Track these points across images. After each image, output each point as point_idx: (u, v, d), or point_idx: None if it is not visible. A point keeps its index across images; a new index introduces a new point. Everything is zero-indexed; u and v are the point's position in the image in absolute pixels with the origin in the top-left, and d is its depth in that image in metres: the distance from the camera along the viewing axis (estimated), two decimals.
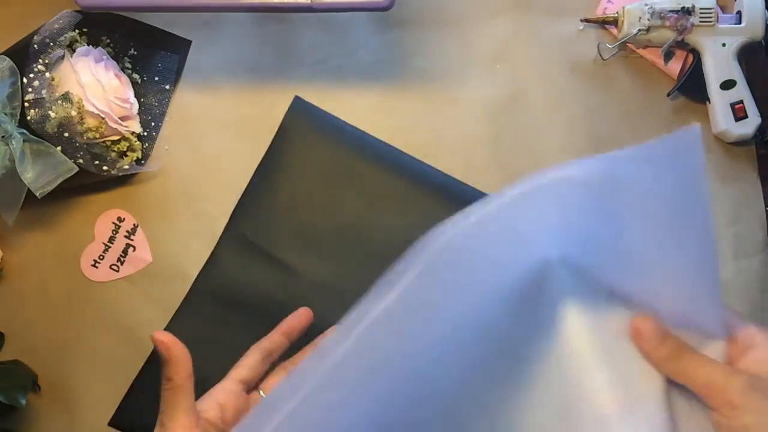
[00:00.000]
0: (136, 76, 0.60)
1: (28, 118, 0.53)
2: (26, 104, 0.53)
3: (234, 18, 0.63)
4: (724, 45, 0.59)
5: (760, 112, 0.60)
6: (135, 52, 0.61)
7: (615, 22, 0.62)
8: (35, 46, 0.54)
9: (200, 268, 0.59)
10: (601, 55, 0.62)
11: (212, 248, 0.59)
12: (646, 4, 0.60)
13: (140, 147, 0.59)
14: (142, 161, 0.60)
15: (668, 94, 0.61)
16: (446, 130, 0.62)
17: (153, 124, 0.61)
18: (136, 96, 0.60)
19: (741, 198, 0.61)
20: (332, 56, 0.62)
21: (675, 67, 0.62)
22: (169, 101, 0.61)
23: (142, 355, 0.58)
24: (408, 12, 0.63)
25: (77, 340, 0.59)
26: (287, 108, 0.61)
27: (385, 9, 0.55)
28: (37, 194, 0.53)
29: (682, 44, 0.61)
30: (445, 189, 0.59)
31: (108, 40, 0.60)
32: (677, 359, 0.38)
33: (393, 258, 0.34)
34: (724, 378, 0.37)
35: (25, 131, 0.53)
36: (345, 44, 0.63)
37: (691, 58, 0.62)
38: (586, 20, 0.62)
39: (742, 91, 0.60)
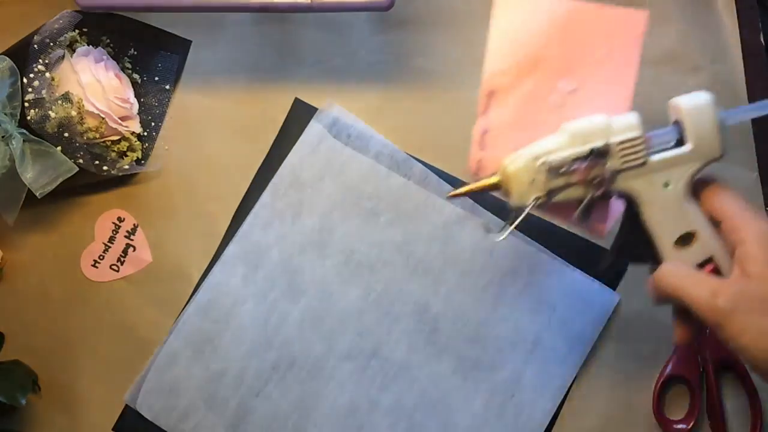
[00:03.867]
0: (136, 76, 0.61)
1: (28, 118, 0.53)
2: (26, 104, 0.53)
3: (234, 18, 0.63)
4: (667, 185, 0.41)
5: (754, 134, 0.52)
6: (135, 52, 0.61)
7: (496, 187, 0.43)
8: (35, 46, 0.54)
9: (200, 268, 0.59)
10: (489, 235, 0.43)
11: (212, 248, 0.59)
12: (537, 158, 0.41)
13: (140, 147, 0.59)
14: (142, 161, 0.60)
15: (600, 268, 0.46)
16: (446, 130, 0.61)
17: (153, 124, 0.61)
18: (136, 96, 0.60)
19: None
20: (332, 56, 0.62)
21: (601, 225, 0.44)
22: (169, 101, 0.61)
23: (142, 355, 0.58)
24: (408, 12, 0.63)
25: (77, 340, 0.59)
26: (287, 109, 0.61)
27: (385, 9, 0.55)
28: (37, 194, 0.53)
29: (604, 197, 0.42)
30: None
31: (108, 40, 0.60)
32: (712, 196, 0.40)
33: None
34: (710, 302, 0.38)
35: (25, 131, 0.53)
36: (345, 44, 0.62)
37: (622, 204, 0.44)
38: (454, 195, 0.45)
39: (709, 243, 0.41)
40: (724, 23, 0.62)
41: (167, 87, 0.61)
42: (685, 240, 0.41)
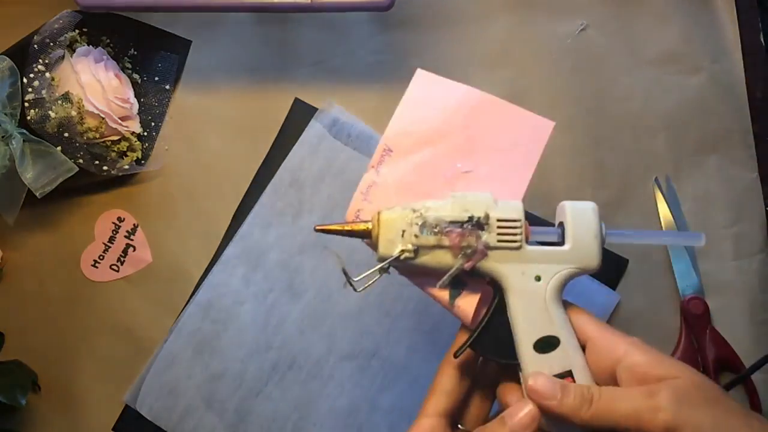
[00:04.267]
0: (136, 76, 0.61)
1: (28, 118, 0.53)
2: (26, 104, 0.53)
3: (234, 18, 0.63)
4: (538, 279, 0.39)
5: (754, 132, 0.54)
6: (135, 52, 0.61)
7: (366, 234, 0.41)
8: (35, 46, 0.54)
9: (200, 268, 0.59)
10: (352, 286, 0.41)
11: (212, 248, 0.59)
12: (414, 210, 0.40)
13: (140, 147, 0.59)
14: (142, 161, 0.60)
15: (455, 355, 0.40)
16: None
17: (153, 124, 0.61)
18: (136, 96, 0.60)
19: (741, 198, 0.61)
20: (332, 56, 0.62)
21: (466, 307, 0.41)
22: (169, 101, 0.61)
23: (142, 355, 0.58)
24: (408, 12, 0.63)
25: (77, 340, 0.59)
26: (287, 109, 0.61)
27: (385, 9, 0.55)
28: (37, 194, 0.53)
29: (475, 273, 0.40)
30: None
31: (108, 40, 0.60)
32: (589, 404, 0.36)
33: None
34: (649, 403, 0.35)
35: (25, 131, 0.53)
36: (345, 44, 0.62)
37: (490, 291, 0.41)
38: (321, 230, 0.42)
39: (570, 355, 0.39)
40: (724, 23, 0.62)
41: (167, 87, 0.61)
42: (547, 345, 0.38)
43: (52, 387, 0.58)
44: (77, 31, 0.57)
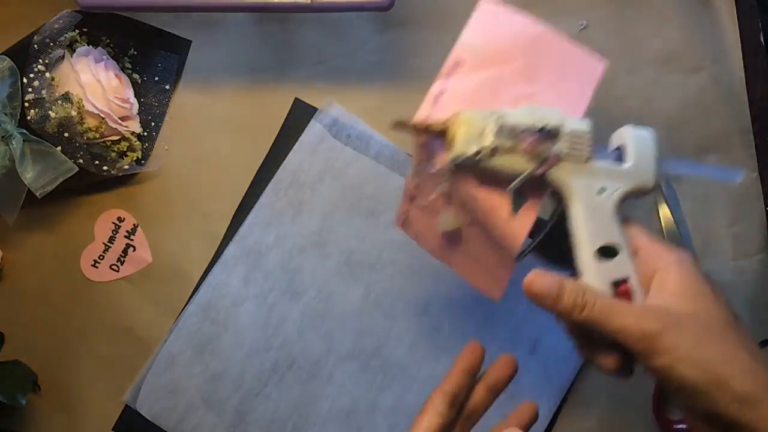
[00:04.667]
0: (136, 76, 0.60)
1: (28, 118, 0.53)
2: (26, 104, 0.53)
3: (234, 18, 0.63)
4: (602, 191, 0.41)
5: (754, 131, 0.54)
6: (135, 52, 0.61)
7: (442, 134, 0.42)
8: (35, 46, 0.54)
9: (200, 268, 0.59)
10: (411, 198, 0.42)
11: (212, 248, 0.59)
12: (493, 113, 0.41)
13: (140, 147, 0.59)
14: (142, 161, 0.60)
15: (516, 259, 0.43)
16: None
17: (153, 124, 0.61)
18: (136, 96, 0.60)
19: (741, 198, 0.61)
20: (332, 56, 0.62)
21: (524, 219, 0.42)
22: (169, 101, 0.61)
23: (142, 355, 0.58)
24: (408, 12, 0.63)
25: (77, 340, 0.59)
26: (287, 109, 0.61)
27: (385, 9, 0.55)
28: (37, 194, 0.53)
29: (539, 183, 0.41)
30: None
31: (108, 40, 0.60)
32: (581, 309, 0.38)
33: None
34: (640, 323, 0.37)
35: (25, 131, 0.53)
36: (345, 44, 0.62)
37: (552, 205, 0.43)
38: (398, 124, 0.42)
39: (628, 263, 0.41)
40: (724, 23, 0.62)
41: (167, 87, 0.61)
42: (606, 253, 0.40)
43: (52, 387, 0.58)
44: (77, 31, 0.57)
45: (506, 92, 0.44)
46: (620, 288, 0.40)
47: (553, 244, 0.42)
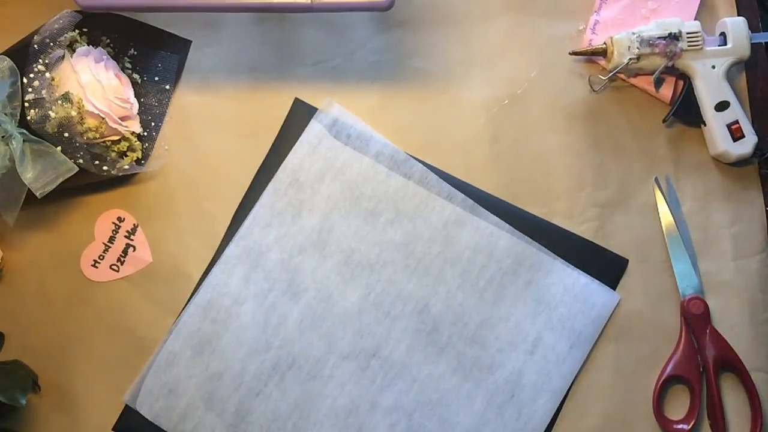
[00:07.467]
0: (136, 76, 0.61)
1: (28, 118, 0.53)
2: (26, 104, 0.53)
3: (234, 18, 0.63)
4: (713, 67, 0.60)
5: (755, 130, 0.60)
6: (135, 52, 0.61)
7: (604, 53, 0.61)
8: (35, 46, 0.54)
9: (200, 268, 0.59)
10: (592, 88, 0.62)
11: (212, 248, 0.59)
12: (634, 33, 0.60)
13: (140, 147, 0.59)
14: (142, 161, 0.60)
15: (664, 120, 0.61)
16: (446, 130, 0.62)
17: (153, 124, 0.61)
18: (136, 96, 0.60)
19: (741, 198, 0.61)
20: (332, 56, 0.62)
21: (666, 93, 0.62)
22: (169, 101, 0.61)
23: (142, 355, 0.58)
24: (408, 12, 0.63)
25: (77, 340, 0.59)
26: (287, 109, 0.61)
27: (385, 9, 0.55)
28: (37, 194, 0.53)
29: (671, 70, 0.61)
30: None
31: (108, 40, 0.60)
32: None
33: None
34: None
35: (25, 131, 0.53)
36: (345, 44, 0.63)
37: (681, 83, 0.62)
38: (575, 53, 0.62)
39: (736, 112, 0.60)
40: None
41: (167, 87, 0.61)
42: (721, 107, 0.59)
43: (52, 387, 0.58)
44: (77, 31, 0.57)
45: (639, 11, 0.63)
46: (733, 126, 0.59)
47: (686, 107, 0.61)
